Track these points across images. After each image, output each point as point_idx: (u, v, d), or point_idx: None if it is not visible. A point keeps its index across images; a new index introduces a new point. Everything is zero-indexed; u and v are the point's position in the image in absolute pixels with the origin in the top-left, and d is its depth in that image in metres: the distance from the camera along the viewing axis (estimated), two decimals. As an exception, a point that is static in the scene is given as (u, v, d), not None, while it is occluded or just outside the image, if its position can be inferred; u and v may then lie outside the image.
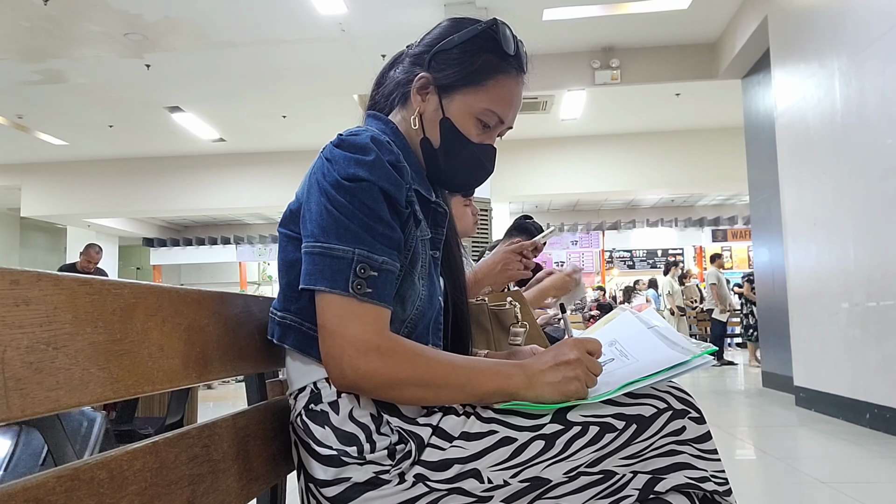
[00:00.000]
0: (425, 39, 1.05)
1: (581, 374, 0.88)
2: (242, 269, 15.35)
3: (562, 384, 0.88)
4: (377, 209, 0.88)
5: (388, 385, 0.86)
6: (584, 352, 0.90)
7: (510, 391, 0.88)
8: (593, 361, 0.90)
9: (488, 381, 0.88)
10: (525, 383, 0.88)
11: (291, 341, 0.94)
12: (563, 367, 0.89)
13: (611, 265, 14.94)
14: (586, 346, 0.91)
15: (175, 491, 0.72)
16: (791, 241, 5.11)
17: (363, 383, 0.86)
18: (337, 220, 0.87)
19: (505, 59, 0.99)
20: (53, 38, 6.56)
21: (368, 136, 0.91)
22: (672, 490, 0.86)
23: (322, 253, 0.87)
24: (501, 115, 1.01)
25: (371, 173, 0.88)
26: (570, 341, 0.92)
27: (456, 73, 0.99)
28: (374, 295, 0.86)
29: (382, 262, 0.87)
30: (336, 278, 0.86)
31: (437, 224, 1.04)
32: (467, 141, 1.01)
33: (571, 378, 0.88)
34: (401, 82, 1.04)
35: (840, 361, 4.33)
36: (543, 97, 8.36)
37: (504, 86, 1.00)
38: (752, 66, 6.53)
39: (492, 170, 1.06)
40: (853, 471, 3.02)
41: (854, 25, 4.05)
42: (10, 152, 10.67)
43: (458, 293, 1.11)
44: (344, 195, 0.87)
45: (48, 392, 0.55)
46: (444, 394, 0.88)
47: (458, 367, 0.89)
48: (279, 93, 8.37)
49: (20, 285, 0.54)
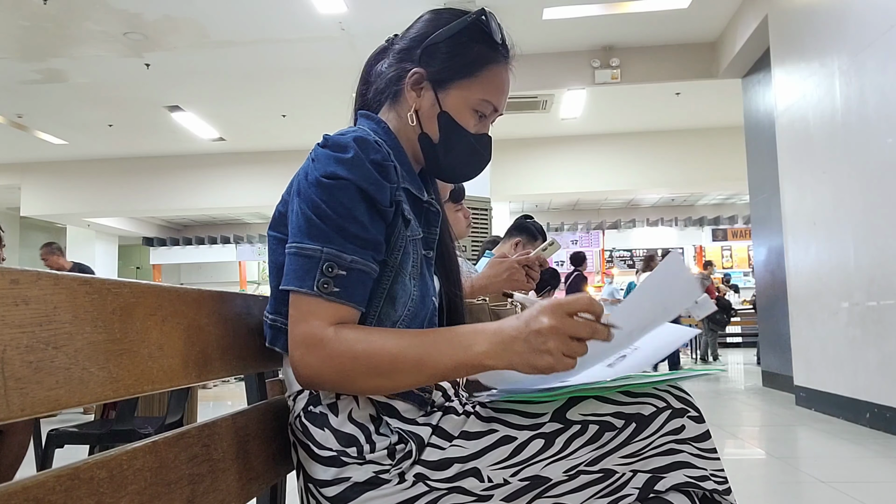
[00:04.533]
0: (410, 33, 1.05)
1: (554, 346, 0.75)
2: (242, 268, 15.35)
3: (531, 356, 0.77)
4: (352, 208, 0.86)
5: (339, 378, 0.83)
6: (561, 315, 0.76)
7: (474, 363, 0.80)
8: (575, 325, 0.75)
9: (444, 356, 0.81)
10: (490, 351, 0.79)
11: (282, 344, 0.94)
12: (534, 336, 0.77)
13: (611, 264, 14.93)
14: (566, 307, 0.76)
15: (175, 490, 0.72)
16: (791, 240, 5.11)
17: (316, 380, 0.84)
18: (309, 220, 0.86)
19: (495, 49, 1.00)
20: (53, 37, 6.56)
21: (352, 135, 0.90)
22: (672, 489, 0.86)
23: (296, 252, 0.87)
24: (496, 104, 1.02)
25: (349, 172, 0.87)
26: (548, 304, 0.77)
27: (449, 66, 0.99)
28: (341, 294, 0.84)
29: (352, 262, 0.85)
30: (304, 277, 0.85)
31: (429, 223, 1.03)
32: (466, 133, 1.01)
33: (542, 351, 0.76)
34: (392, 79, 1.03)
35: (840, 361, 4.33)
36: (543, 96, 8.35)
37: (496, 74, 1.00)
38: (752, 65, 6.53)
39: (489, 158, 1.06)
40: (853, 470, 3.02)
41: (854, 24, 4.05)
42: (9, 152, 10.67)
43: (453, 292, 1.10)
44: (321, 194, 0.87)
45: (48, 391, 0.55)
46: (399, 379, 0.82)
47: (406, 347, 0.81)
48: (279, 92, 8.37)
49: (20, 285, 0.54)
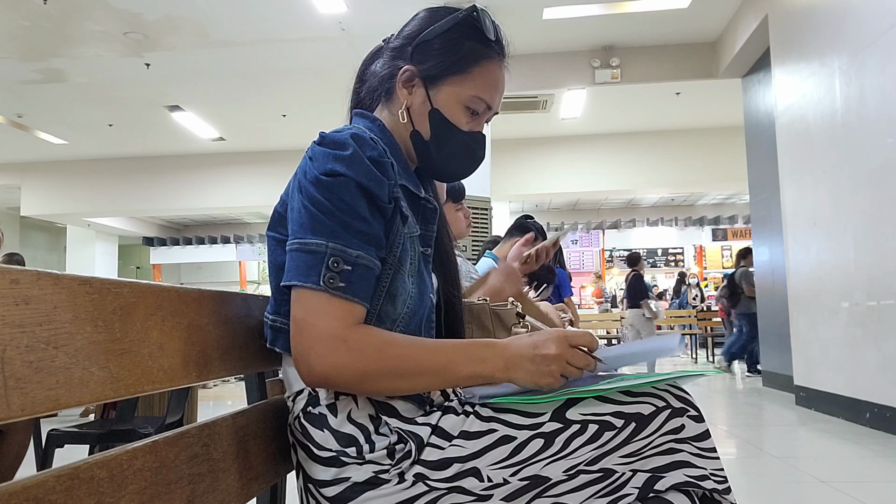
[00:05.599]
0: (404, 32, 1.05)
1: (556, 370, 0.87)
2: (242, 267, 15.35)
3: (536, 376, 0.88)
4: (354, 205, 0.87)
5: (359, 378, 0.85)
6: (566, 347, 0.88)
7: (486, 374, 0.88)
8: (577, 355, 0.88)
9: (463, 366, 0.87)
10: (501, 367, 0.88)
11: (282, 344, 0.94)
12: (541, 360, 0.87)
13: (611, 264, 14.93)
14: (571, 340, 0.88)
15: (175, 490, 0.72)
16: (791, 240, 5.11)
17: (333, 378, 0.85)
18: (313, 216, 0.86)
19: (487, 45, 1.00)
20: (53, 37, 6.55)
21: (349, 132, 0.91)
22: (672, 488, 0.86)
23: (298, 249, 0.87)
24: (489, 101, 1.01)
25: (349, 168, 0.87)
26: (557, 335, 0.89)
27: (440, 63, 0.99)
28: (346, 289, 0.85)
29: (357, 257, 0.86)
30: (309, 273, 0.85)
31: (426, 220, 1.03)
32: (458, 130, 1.01)
33: (545, 373, 0.87)
34: (384, 77, 1.04)
35: (840, 360, 4.33)
36: (543, 96, 8.35)
37: (489, 71, 1.00)
38: (752, 65, 6.53)
39: (483, 156, 1.06)
40: (853, 470, 3.02)
41: (854, 24, 4.05)
42: (9, 151, 10.67)
43: (451, 289, 1.10)
44: (321, 191, 0.87)
45: (48, 391, 0.55)
46: (419, 382, 0.87)
47: (431, 354, 0.88)
48: (279, 92, 8.36)
49: (20, 284, 0.54)
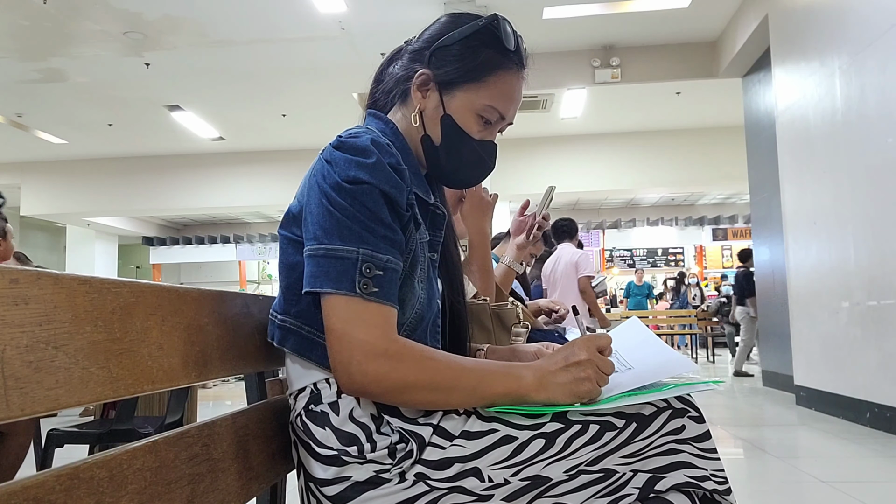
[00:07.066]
0: (424, 35, 1.04)
1: (592, 373, 0.87)
2: (242, 267, 15.33)
3: (573, 385, 0.87)
4: (378, 211, 0.87)
5: (398, 390, 0.86)
6: (594, 351, 0.89)
7: (520, 394, 0.88)
8: (604, 360, 0.89)
9: (498, 384, 0.87)
10: (535, 385, 0.87)
11: (291, 345, 0.94)
12: (574, 367, 0.88)
13: (611, 264, 14.93)
14: (596, 343, 0.90)
15: (175, 490, 0.72)
16: (791, 239, 5.11)
17: (372, 388, 0.86)
18: (339, 222, 0.87)
19: (505, 55, 0.99)
20: (53, 36, 6.55)
21: (369, 138, 0.91)
22: (672, 489, 0.86)
23: (326, 255, 0.86)
24: (502, 111, 1.01)
25: (372, 176, 0.88)
26: (581, 340, 0.90)
27: (457, 69, 0.98)
28: (380, 294, 0.86)
29: (387, 261, 0.87)
30: (341, 279, 0.85)
31: (435, 227, 1.03)
32: (469, 137, 1.00)
33: (583, 378, 0.87)
34: (401, 79, 1.03)
35: (840, 360, 4.33)
36: (543, 96, 8.35)
37: (505, 81, 0.99)
38: (752, 64, 6.53)
39: (493, 166, 1.05)
40: (853, 470, 3.02)
41: (855, 24, 4.05)
42: (9, 151, 10.66)
43: (455, 295, 1.10)
44: (345, 197, 0.87)
45: (48, 391, 0.55)
46: (454, 397, 0.87)
47: (467, 370, 0.88)
48: (279, 92, 8.37)
49: (19, 284, 0.54)
